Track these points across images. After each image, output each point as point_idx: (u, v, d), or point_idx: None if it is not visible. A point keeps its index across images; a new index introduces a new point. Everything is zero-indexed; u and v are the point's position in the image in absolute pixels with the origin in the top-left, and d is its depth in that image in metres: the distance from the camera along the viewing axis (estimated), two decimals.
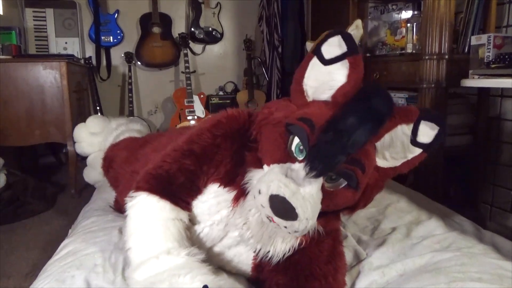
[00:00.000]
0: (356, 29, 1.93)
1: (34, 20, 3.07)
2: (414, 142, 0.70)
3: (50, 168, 2.94)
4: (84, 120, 1.93)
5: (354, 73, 0.70)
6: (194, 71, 3.56)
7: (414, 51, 1.77)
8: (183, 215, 0.78)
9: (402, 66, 1.80)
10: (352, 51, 0.70)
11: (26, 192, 1.97)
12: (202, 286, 0.64)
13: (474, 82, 1.44)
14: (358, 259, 0.96)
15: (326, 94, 0.73)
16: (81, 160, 2.30)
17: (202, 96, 3.38)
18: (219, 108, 3.47)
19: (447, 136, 0.71)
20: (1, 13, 2.67)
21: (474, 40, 1.55)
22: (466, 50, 1.71)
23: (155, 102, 3.59)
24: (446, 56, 1.61)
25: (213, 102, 3.49)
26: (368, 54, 2.05)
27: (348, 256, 0.98)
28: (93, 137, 1.85)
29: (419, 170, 1.64)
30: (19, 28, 2.78)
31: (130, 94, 3.32)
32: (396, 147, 0.72)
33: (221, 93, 3.59)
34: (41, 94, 2.13)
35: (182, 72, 3.39)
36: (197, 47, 3.60)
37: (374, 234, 1.07)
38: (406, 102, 1.94)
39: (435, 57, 1.61)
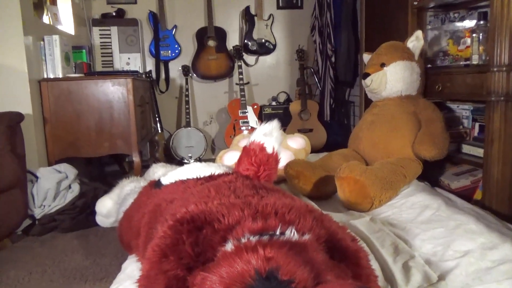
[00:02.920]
0: (416, 40, 1.89)
1: (100, 38, 3.30)
2: None
3: (115, 176, 3.12)
4: (147, 132, 2.03)
5: None
6: (248, 82, 3.64)
7: (480, 63, 1.70)
8: None
9: (467, 78, 1.73)
10: None
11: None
12: None
13: None
14: (429, 282, 0.94)
15: None
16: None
17: (255, 106, 3.44)
18: (272, 118, 3.52)
19: None
20: (73, 33, 2.89)
21: None
22: None
23: (210, 112, 3.71)
24: None
25: (266, 112, 3.54)
26: (429, 65, 2.00)
27: (417, 277, 0.97)
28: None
29: (487, 186, 1.57)
30: (88, 47, 3.00)
31: (187, 106, 3.46)
32: None
33: (274, 103, 3.64)
34: (110, 108, 2.29)
35: (236, 84, 3.48)
36: (250, 59, 3.68)
37: (444, 256, 1.04)
38: (471, 114, 1.87)
39: (504, 68, 1.54)
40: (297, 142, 1.89)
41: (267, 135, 1.24)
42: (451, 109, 2.00)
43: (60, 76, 2.27)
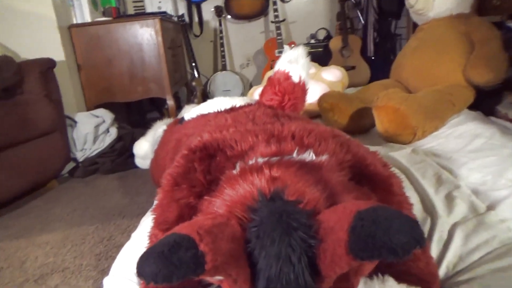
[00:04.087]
0: None
1: None
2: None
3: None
4: (181, 76, 1.99)
5: None
6: (284, 20, 3.44)
7: None
8: None
9: None
10: None
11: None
12: None
13: None
14: (476, 212, 0.84)
15: None
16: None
17: (293, 45, 3.26)
18: (311, 57, 3.33)
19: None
20: None
21: None
22: None
23: (246, 55, 3.58)
24: None
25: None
26: None
27: (462, 207, 0.87)
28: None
29: None
30: None
31: (222, 49, 3.36)
32: None
33: (312, 41, 3.43)
34: (140, 52, 2.25)
35: (272, 22, 3.30)
36: None
37: (495, 185, 0.93)
38: None
39: None
40: (333, 73, 1.76)
41: (293, 62, 1.13)
42: (511, 29, 1.74)
43: (89, 21, 2.25)
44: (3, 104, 1.65)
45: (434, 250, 0.78)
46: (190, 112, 1.23)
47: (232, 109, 1.07)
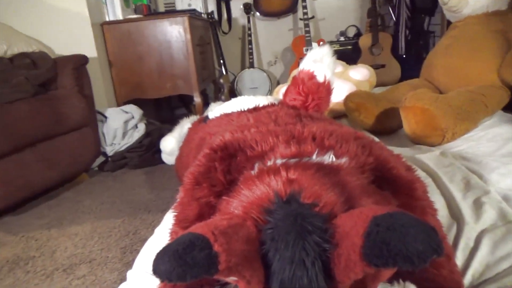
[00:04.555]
0: None
1: None
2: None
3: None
4: (209, 74, 2.01)
5: None
6: (313, 17, 3.41)
7: None
8: None
9: None
10: None
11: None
12: None
13: None
14: (505, 220, 0.81)
15: None
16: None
17: (321, 43, 3.23)
18: (339, 55, 3.28)
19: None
20: None
21: None
22: None
23: (274, 52, 3.57)
24: None
25: (334, 49, 3.28)
26: None
27: (491, 214, 0.84)
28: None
29: None
30: None
31: (250, 46, 3.36)
32: None
33: (342, 38, 3.39)
34: (169, 49, 2.29)
35: (301, 19, 3.27)
36: None
37: None
38: None
39: None
40: (360, 72, 1.73)
41: (317, 61, 1.12)
42: None
43: (121, 18, 2.30)
44: (39, 98, 1.73)
45: (460, 258, 0.75)
46: (214, 111, 1.24)
47: (255, 109, 1.07)
